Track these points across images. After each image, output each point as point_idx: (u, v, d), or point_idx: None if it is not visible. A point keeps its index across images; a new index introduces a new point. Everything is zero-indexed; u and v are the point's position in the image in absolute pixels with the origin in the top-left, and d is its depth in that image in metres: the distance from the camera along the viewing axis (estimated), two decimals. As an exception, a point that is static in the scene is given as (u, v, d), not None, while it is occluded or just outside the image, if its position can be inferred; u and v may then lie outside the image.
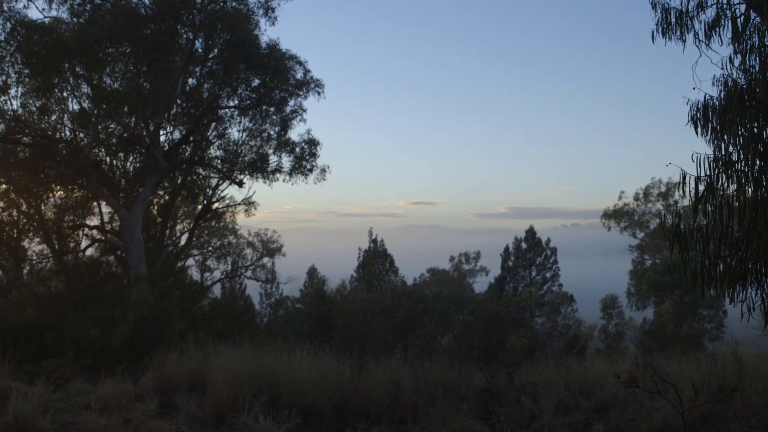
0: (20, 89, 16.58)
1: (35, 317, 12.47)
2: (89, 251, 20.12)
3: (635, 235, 38.46)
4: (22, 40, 15.27)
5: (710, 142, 5.91)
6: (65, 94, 17.09)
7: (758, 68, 5.83)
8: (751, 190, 5.66)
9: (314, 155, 20.10)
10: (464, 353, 10.47)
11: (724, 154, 5.77)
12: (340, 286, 18.27)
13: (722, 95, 5.88)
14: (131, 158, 20.37)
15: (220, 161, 21.04)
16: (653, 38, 6.46)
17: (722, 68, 6.04)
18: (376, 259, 25.42)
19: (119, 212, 17.23)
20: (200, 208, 22.93)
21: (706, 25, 6.26)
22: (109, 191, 17.56)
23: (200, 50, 17.78)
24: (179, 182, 21.83)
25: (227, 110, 19.99)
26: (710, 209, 5.77)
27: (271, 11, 17.47)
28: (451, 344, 11.92)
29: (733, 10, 6.14)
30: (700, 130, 5.95)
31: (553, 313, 20.12)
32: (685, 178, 5.72)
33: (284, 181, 20.20)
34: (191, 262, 26.10)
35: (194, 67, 18.18)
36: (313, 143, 20.04)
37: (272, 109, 19.61)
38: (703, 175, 5.71)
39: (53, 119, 17.64)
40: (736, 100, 5.68)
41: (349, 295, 15.10)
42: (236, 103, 19.26)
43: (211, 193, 22.85)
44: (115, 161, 20.13)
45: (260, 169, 20.14)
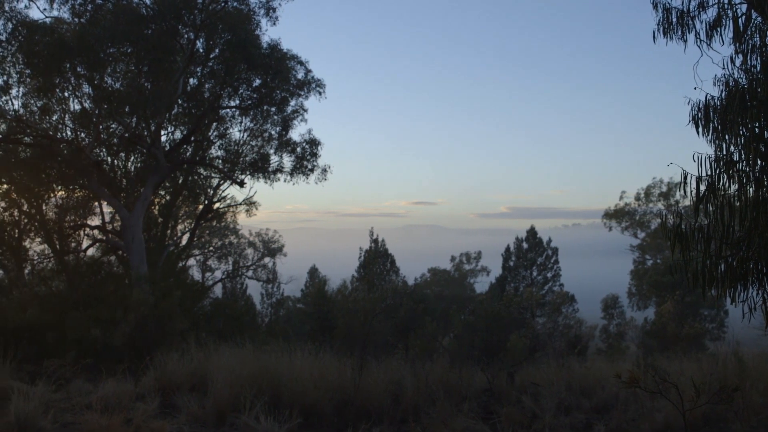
0: (21, 89, 16.63)
1: (36, 317, 12.50)
2: (90, 251, 20.11)
3: (636, 235, 38.38)
4: (23, 40, 15.30)
5: (711, 142, 5.91)
6: (66, 94, 17.09)
7: (759, 68, 5.83)
8: (752, 190, 5.66)
9: (315, 155, 20.09)
10: (465, 353, 10.49)
11: (725, 154, 5.77)
12: (341, 286, 18.28)
13: (723, 95, 5.88)
14: (132, 158, 20.38)
15: (221, 161, 21.05)
16: (654, 38, 6.48)
17: (723, 68, 6.06)
18: (377, 259, 25.37)
19: (120, 212, 17.23)
20: (201, 208, 22.91)
21: (707, 24, 6.27)
22: (110, 191, 17.57)
23: (201, 50, 17.79)
24: (180, 182, 21.82)
25: (228, 110, 19.99)
26: (711, 209, 5.77)
27: (272, 11, 17.49)
28: (452, 344, 11.94)
29: (734, 9, 6.14)
30: (701, 130, 5.96)
31: (554, 313, 20.12)
32: (686, 178, 5.72)
33: (285, 181, 20.21)
34: (192, 262, 26.10)
35: (195, 67, 18.18)
36: (314, 143, 20.04)
37: (273, 109, 19.59)
38: (704, 175, 5.71)
39: (54, 119, 17.66)
40: (737, 100, 5.68)
41: (350, 295, 15.11)
42: (237, 103, 19.26)
43: (212, 193, 22.84)
44: (116, 161, 20.14)
45: (261, 169, 20.13)
